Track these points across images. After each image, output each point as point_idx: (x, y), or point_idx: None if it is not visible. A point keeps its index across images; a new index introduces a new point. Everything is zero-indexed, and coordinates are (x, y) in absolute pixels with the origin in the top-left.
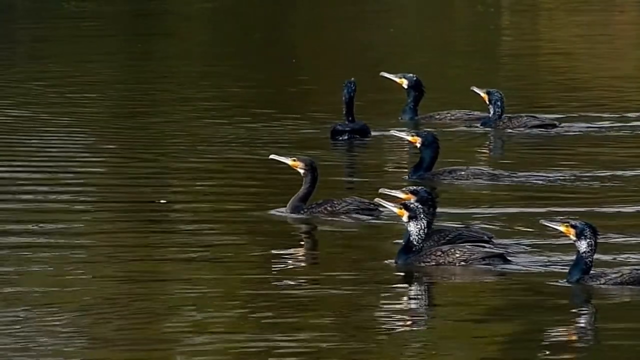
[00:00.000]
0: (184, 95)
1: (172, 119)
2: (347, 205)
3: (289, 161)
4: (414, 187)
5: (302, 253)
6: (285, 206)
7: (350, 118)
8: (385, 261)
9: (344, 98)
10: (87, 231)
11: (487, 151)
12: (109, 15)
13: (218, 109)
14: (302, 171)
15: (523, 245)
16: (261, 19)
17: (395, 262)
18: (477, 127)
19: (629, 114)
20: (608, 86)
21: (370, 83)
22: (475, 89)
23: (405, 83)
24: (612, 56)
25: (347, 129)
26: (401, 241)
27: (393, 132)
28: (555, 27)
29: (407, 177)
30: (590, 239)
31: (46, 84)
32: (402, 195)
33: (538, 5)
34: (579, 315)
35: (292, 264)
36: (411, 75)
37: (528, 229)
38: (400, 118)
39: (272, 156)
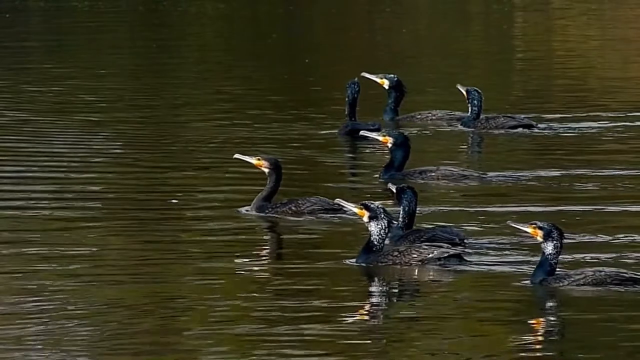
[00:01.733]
0: (197, 96)
1: (184, 119)
2: (311, 205)
3: (253, 160)
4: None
5: (264, 253)
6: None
7: (352, 118)
8: (347, 261)
9: (347, 98)
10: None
11: (462, 151)
12: (122, 15)
13: (230, 110)
14: (266, 170)
15: (493, 245)
16: (276, 19)
17: (357, 262)
18: (457, 127)
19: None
20: (613, 87)
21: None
22: (459, 87)
23: (386, 84)
24: (624, 58)
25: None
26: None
27: (363, 133)
28: (569, 26)
29: (378, 176)
30: (556, 240)
31: (58, 83)
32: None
33: (551, 4)
34: (536, 316)
35: (253, 264)
36: (392, 75)
37: (496, 229)
38: (381, 118)
39: (236, 155)
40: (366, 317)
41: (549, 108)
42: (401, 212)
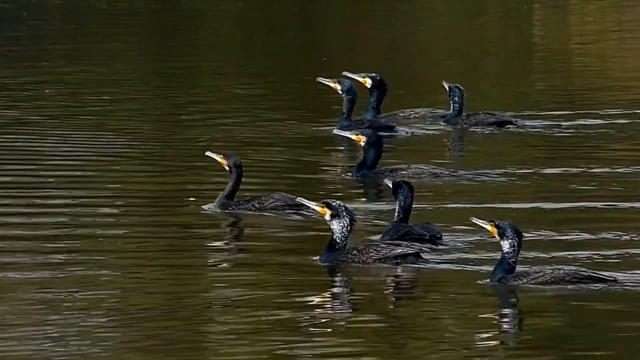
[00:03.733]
0: (213, 94)
1: (203, 116)
2: (274, 202)
3: (218, 158)
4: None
5: (227, 250)
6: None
7: (350, 118)
8: (311, 258)
9: (349, 100)
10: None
11: (441, 150)
12: (140, 13)
13: (247, 108)
14: (227, 168)
15: (459, 242)
16: (294, 17)
17: (320, 261)
18: (440, 124)
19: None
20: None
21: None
22: (445, 84)
23: (368, 82)
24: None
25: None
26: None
27: (336, 132)
28: (587, 22)
29: (351, 175)
30: (512, 239)
31: (75, 82)
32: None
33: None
34: (491, 314)
35: (215, 262)
36: (374, 74)
37: (462, 226)
38: (363, 117)
39: (207, 153)
40: (325, 317)
41: (566, 106)
42: (397, 207)
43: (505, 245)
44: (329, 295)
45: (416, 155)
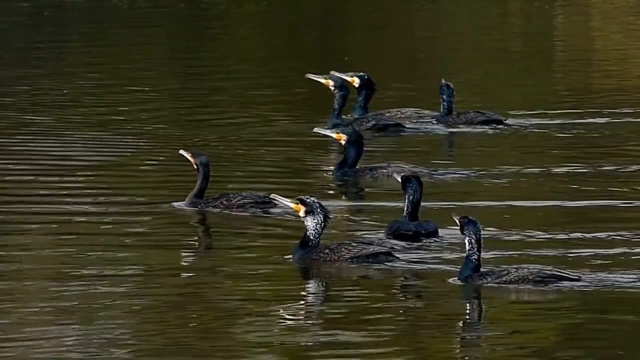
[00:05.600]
0: (237, 95)
1: (224, 117)
2: (242, 199)
3: (188, 156)
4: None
5: (198, 248)
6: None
7: (340, 115)
8: (283, 257)
9: (342, 96)
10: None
11: (432, 149)
12: (161, 13)
13: (270, 110)
14: (195, 167)
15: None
16: (317, 16)
17: (292, 258)
18: (432, 123)
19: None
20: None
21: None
22: (444, 82)
23: (356, 82)
24: None
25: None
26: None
27: (317, 130)
28: (609, 24)
29: (332, 174)
30: (469, 236)
31: (95, 82)
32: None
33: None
34: (453, 312)
35: (187, 259)
36: (362, 74)
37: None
38: (350, 115)
39: (180, 152)
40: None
41: (588, 107)
42: (406, 202)
43: (465, 241)
44: (303, 292)
45: (406, 154)
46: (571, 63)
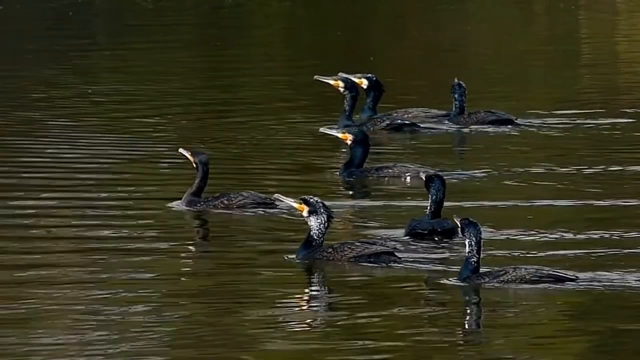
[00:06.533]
0: (261, 94)
1: (248, 117)
2: (243, 199)
3: (187, 155)
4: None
5: (201, 248)
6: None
7: (351, 115)
8: (286, 256)
9: (351, 98)
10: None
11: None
12: (185, 13)
13: (293, 108)
14: (194, 165)
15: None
16: (342, 15)
17: (296, 258)
18: (445, 122)
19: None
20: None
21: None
22: (456, 81)
23: (365, 83)
24: None
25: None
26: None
27: (322, 130)
28: (633, 25)
29: (338, 174)
30: (469, 238)
31: (120, 82)
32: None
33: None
34: (453, 312)
35: (188, 259)
36: (370, 75)
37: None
38: (359, 116)
39: (180, 150)
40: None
41: (611, 108)
42: (429, 201)
43: (466, 242)
44: (306, 293)
45: (417, 154)
46: (596, 63)
